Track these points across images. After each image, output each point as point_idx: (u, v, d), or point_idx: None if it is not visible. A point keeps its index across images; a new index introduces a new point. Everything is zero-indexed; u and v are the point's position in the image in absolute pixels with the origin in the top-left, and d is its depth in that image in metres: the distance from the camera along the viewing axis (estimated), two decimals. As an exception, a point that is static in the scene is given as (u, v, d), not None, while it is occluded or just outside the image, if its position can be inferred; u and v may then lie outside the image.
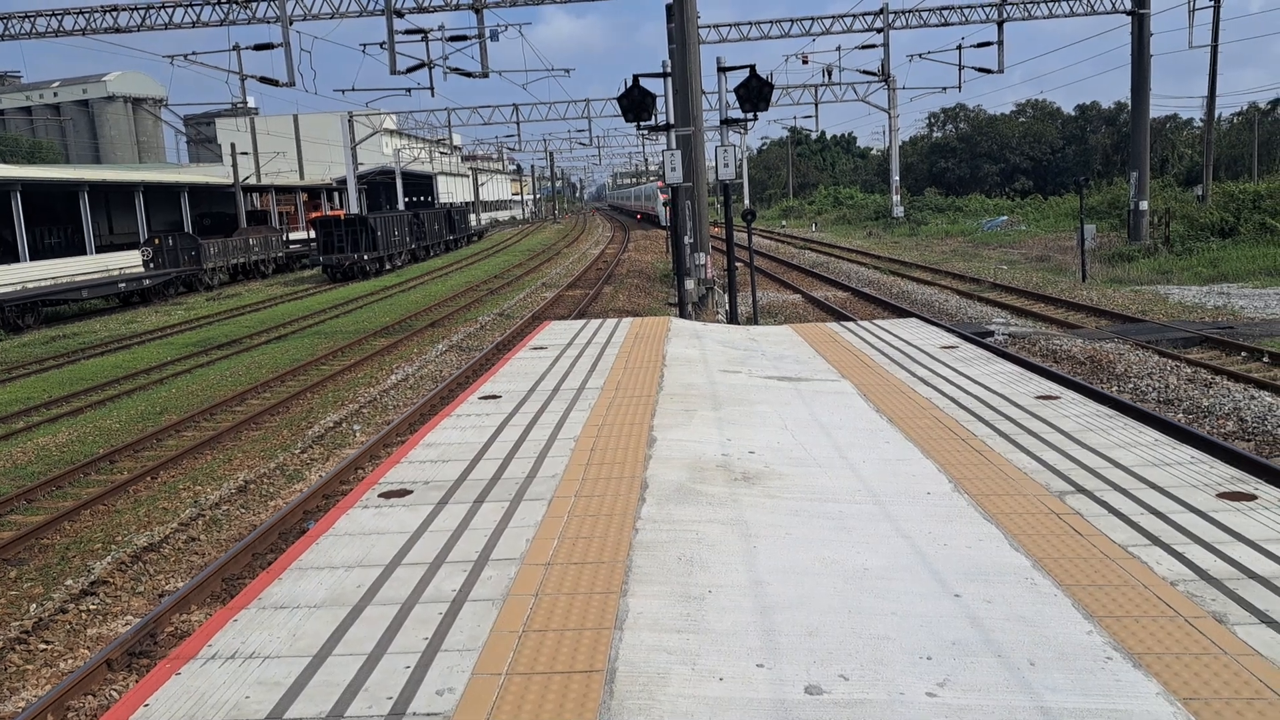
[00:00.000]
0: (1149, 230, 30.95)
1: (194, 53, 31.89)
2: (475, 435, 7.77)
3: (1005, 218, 47.95)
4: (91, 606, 8.04)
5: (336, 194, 66.15)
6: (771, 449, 7.04)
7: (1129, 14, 31.68)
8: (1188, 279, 24.53)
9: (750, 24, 36.66)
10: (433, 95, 47.27)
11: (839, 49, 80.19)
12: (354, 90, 41.44)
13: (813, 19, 36.56)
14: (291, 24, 27.70)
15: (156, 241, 38.28)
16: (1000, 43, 35.64)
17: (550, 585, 4.70)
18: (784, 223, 68.79)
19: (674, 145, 19.02)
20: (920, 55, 43.35)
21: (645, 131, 27.72)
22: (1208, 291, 21.97)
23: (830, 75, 48.33)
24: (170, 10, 29.24)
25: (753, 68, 18.33)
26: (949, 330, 13.51)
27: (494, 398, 9.19)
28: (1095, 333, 16.85)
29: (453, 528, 5.60)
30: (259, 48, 28.72)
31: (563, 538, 5.33)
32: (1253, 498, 5.49)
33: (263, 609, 4.61)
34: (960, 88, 46.12)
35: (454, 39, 28.19)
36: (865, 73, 44.40)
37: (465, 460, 7.04)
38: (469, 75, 28.54)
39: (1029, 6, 33.80)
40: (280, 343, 22.80)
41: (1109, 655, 3.83)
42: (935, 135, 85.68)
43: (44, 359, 22.45)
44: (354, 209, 52.39)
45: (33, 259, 37.01)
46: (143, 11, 29.39)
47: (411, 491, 6.35)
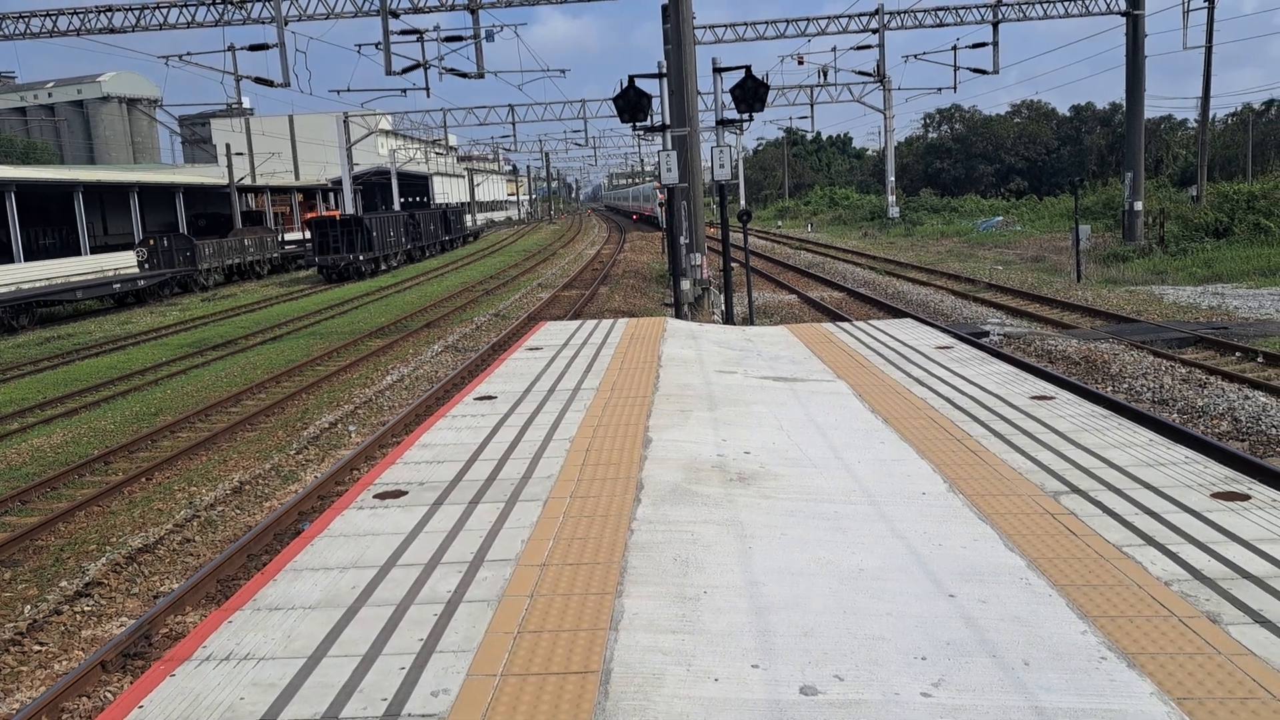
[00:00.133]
0: (1144, 231, 31.01)
1: (189, 53, 31.82)
2: (471, 436, 7.76)
3: (1000, 218, 48.01)
4: (86, 608, 8.02)
5: (332, 194, 66.15)
6: (767, 449, 7.05)
7: (1124, 15, 31.74)
8: (1182, 279, 24.57)
9: (746, 25, 36.68)
10: (428, 96, 47.18)
11: (834, 50, 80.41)
12: (349, 91, 41.49)
13: (808, 20, 36.60)
14: (286, 25, 27.68)
15: (151, 242, 38.23)
16: (995, 43, 35.75)
17: (545, 586, 4.70)
18: (780, 223, 68.85)
19: (670, 146, 19.03)
20: (915, 56, 43.38)
21: (641, 132, 27.73)
22: (1202, 292, 22.01)
23: (826, 76, 48.48)
24: (165, 11, 29.21)
25: (748, 68, 18.38)
26: (944, 330, 13.53)
27: (489, 398, 9.19)
28: (1090, 333, 16.87)
29: (448, 529, 5.60)
30: (254, 48, 28.72)
31: (558, 539, 5.33)
32: (1247, 498, 5.50)
33: (258, 610, 4.61)
34: (955, 88, 45.99)
35: (449, 39, 28.22)
36: (861, 73, 44.50)
37: (461, 461, 7.03)
38: (464, 76, 28.56)
39: (1024, 7, 33.86)
40: (275, 343, 22.77)
41: (1103, 655, 3.83)
42: (930, 136, 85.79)
43: (38, 360, 22.41)
44: (349, 209, 52.35)
45: (27, 260, 37.01)
46: (137, 12, 29.34)
47: (407, 493, 6.35)
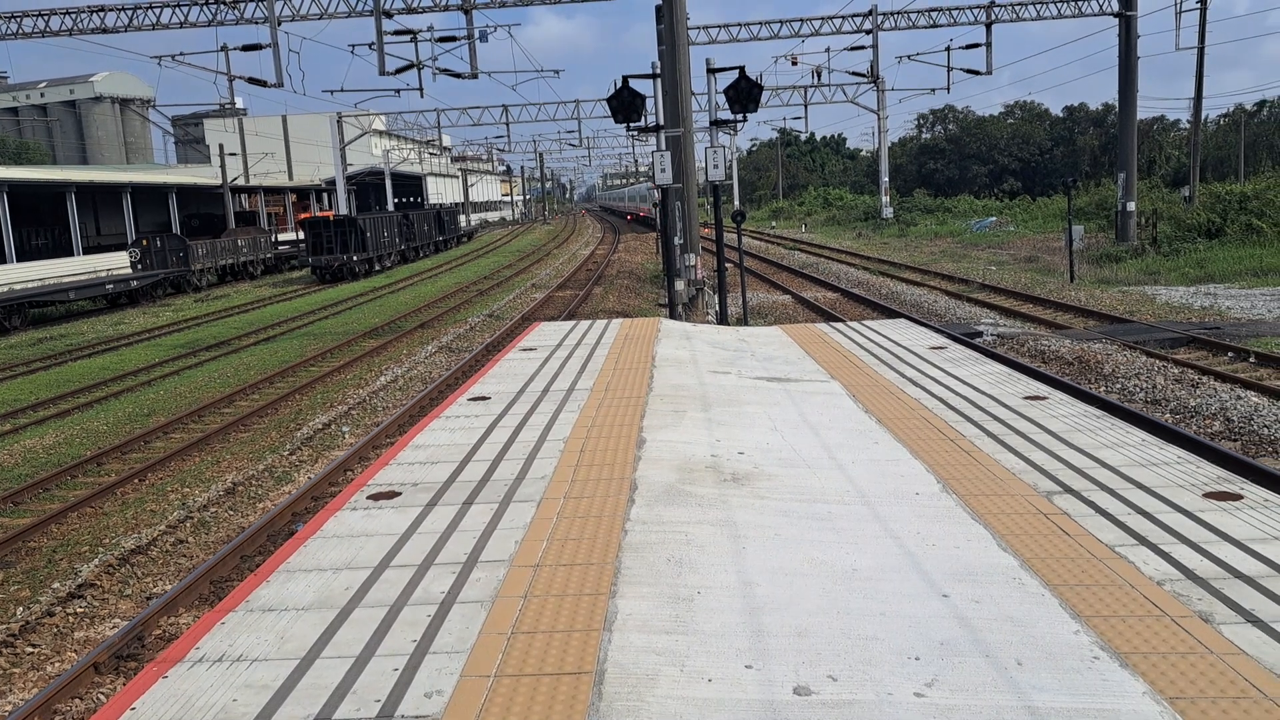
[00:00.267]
0: (1136, 231, 31.09)
1: (182, 53, 31.71)
2: (464, 437, 7.76)
3: (994, 219, 48.08)
4: (79, 609, 8.00)
5: (325, 195, 66.01)
6: (761, 450, 7.05)
7: (1116, 16, 31.83)
8: (1175, 279, 24.64)
9: (739, 25, 36.70)
10: (422, 96, 47.22)
11: (828, 50, 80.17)
12: (343, 91, 41.53)
13: (802, 20, 36.62)
14: (280, 25, 27.62)
15: (144, 243, 38.14)
16: (988, 44, 35.81)
17: (539, 587, 4.70)
18: (774, 224, 68.90)
19: (664, 146, 19.03)
20: (909, 57, 43.49)
21: (635, 133, 27.71)
22: (1195, 292, 22.07)
23: (819, 77, 48.50)
24: (158, 10, 29.13)
25: (742, 69, 18.37)
26: (938, 331, 13.54)
27: (483, 399, 9.18)
28: (1083, 333, 16.91)
29: (441, 529, 5.59)
30: (247, 48, 28.65)
31: (552, 539, 5.33)
32: (1239, 497, 5.52)
33: (250, 611, 4.60)
34: (949, 89, 45.98)
35: (443, 40, 28.19)
36: (854, 74, 44.56)
37: (454, 462, 7.03)
38: (458, 76, 28.54)
39: (1017, 8, 33.93)
40: (269, 344, 22.73)
41: (1096, 655, 3.84)
42: (924, 136, 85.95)
43: (31, 361, 22.33)
44: (343, 210, 52.26)
45: (20, 260, 36.88)
46: (130, 12, 29.26)
47: (400, 493, 6.34)
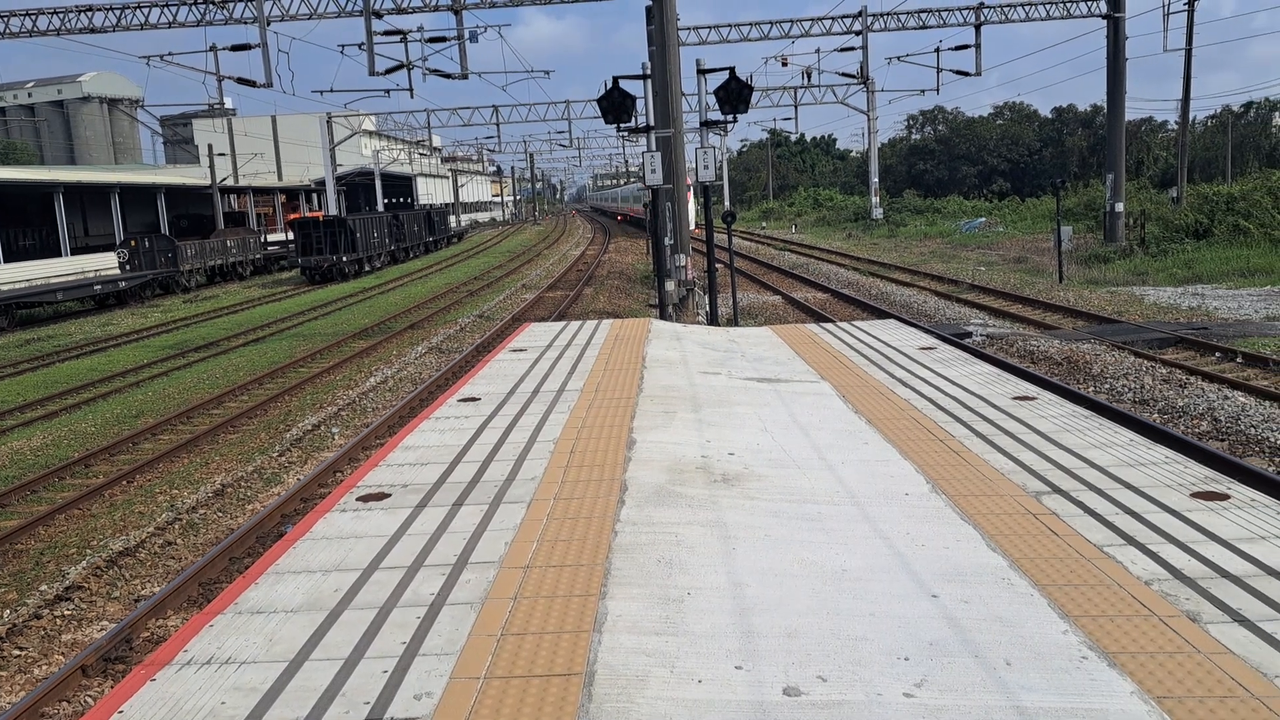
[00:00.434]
0: (1125, 232, 31.21)
1: (170, 53, 31.60)
2: (454, 438, 7.74)
3: (983, 219, 48.22)
4: (66, 612, 7.96)
5: (315, 195, 65.87)
6: (751, 450, 7.05)
7: (1104, 17, 31.95)
8: (1163, 280, 24.74)
9: (730, 26, 36.70)
10: (412, 96, 47.13)
11: (818, 51, 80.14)
12: (332, 91, 41.41)
13: (792, 21, 36.65)
14: (269, 25, 27.55)
15: (133, 243, 37.97)
16: (978, 45, 35.93)
17: (529, 588, 4.69)
18: (764, 224, 68.97)
19: (654, 147, 19.03)
20: (899, 58, 43.47)
21: (625, 133, 27.73)
22: (1182, 292, 22.17)
23: (809, 77, 48.60)
24: (146, 10, 29.01)
25: (732, 70, 18.40)
26: (927, 331, 13.58)
27: (473, 400, 9.17)
28: (1072, 333, 16.97)
29: (431, 531, 5.58)
30: (236, 48, 28.55)
31: (542, 540, 5.33)
32: (1226, 497, 5.54)
33: (239, 614, 4.58)
34: (938, 90, 46.05)
35: (433, 40, 28.15)
36: (844, 75, 44.59)
37: (444, 463, 7.01)
38: (448, 76, 28.49)
39: (1006, 9, 34.02)
40: (258, 345, 22.65)
41: (1084, 655, 3.85)
42: (914, 137, 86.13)
43: (18, 361, 22.22)
44: (333, 210, 52.16)
45: (7, 261, 36.71)
46: (118, 11, 29.14)
47: (390, 495, 6.33)
